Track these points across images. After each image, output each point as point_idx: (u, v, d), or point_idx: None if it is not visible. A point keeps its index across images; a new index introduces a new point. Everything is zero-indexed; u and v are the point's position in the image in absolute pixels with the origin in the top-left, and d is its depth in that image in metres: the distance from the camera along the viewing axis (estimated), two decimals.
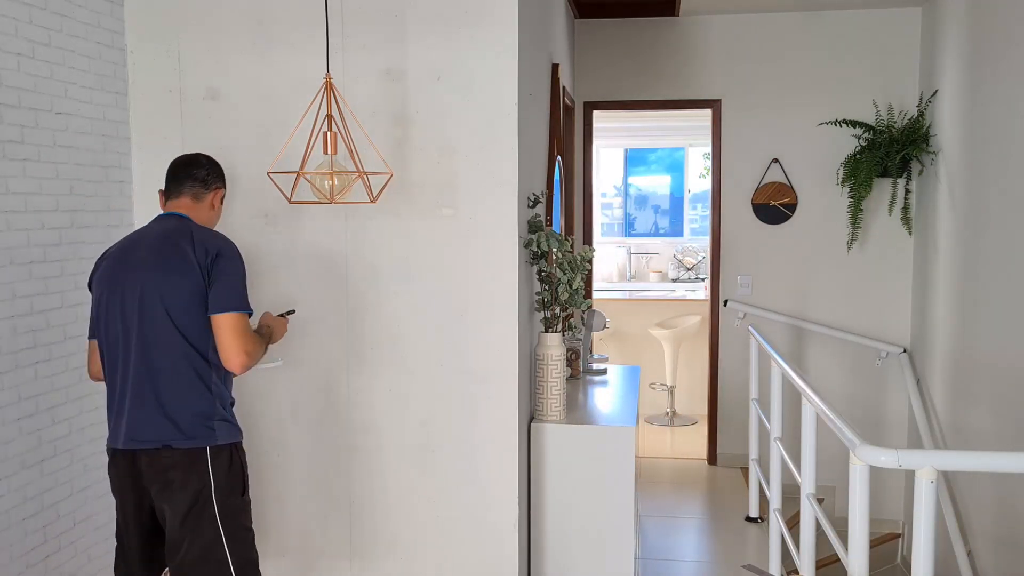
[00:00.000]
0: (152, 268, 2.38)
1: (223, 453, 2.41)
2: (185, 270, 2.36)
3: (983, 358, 4.13)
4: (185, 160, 2.58)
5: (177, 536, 2.38)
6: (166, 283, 2.36)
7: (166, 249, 2.40)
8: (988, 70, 4.13)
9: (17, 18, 2.63)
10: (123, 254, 2.46)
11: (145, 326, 2.37)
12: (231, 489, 2.42)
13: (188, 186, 2.53)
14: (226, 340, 2.35)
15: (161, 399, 2.37)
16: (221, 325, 2.35)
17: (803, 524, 2.95)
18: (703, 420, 5.92)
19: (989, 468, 2.72)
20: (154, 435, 2.36)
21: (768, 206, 5.40)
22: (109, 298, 2.42)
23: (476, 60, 3.01)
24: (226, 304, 2.36)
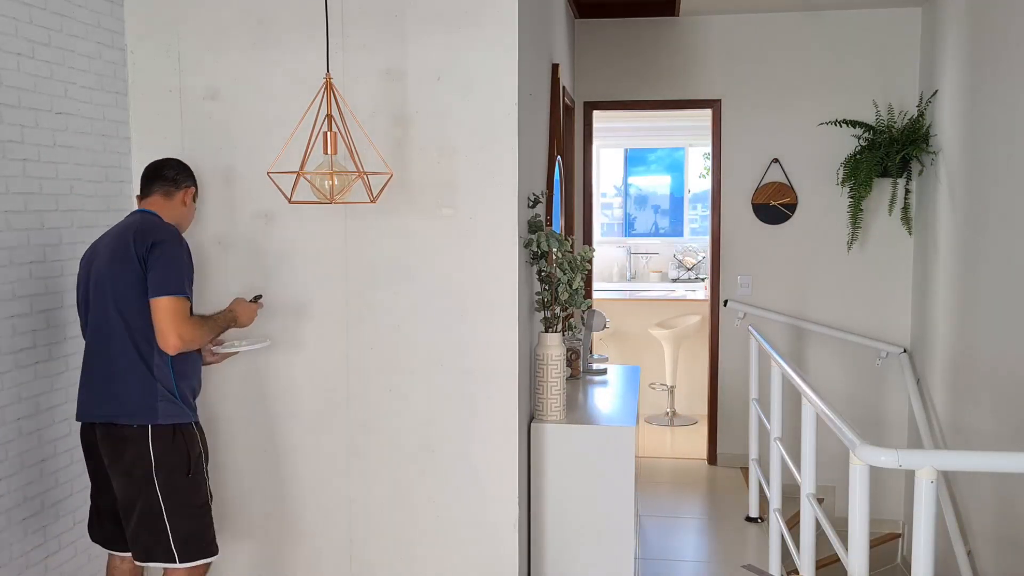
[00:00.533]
0: (103, 259, 2.60)
1: (164, 432, 2.58)
2: (125, 259, 2.54)
3: (983, 358, 4.13)
4: (156, 163, 2.79)
5: (125, 506, 2.59)
6: (110, 272, 2.57)
7: (115, 242, 2.60)
8: (988, 70, 4.13)
9: (17, 18, 2.63)
10: (93, 245, 2.70)
11: (94, 312, 2.61)
12: (173, 467, 2.59)
13: (158, 185, 2.73)
14: (160, 323, 2.51)
15: (107, 378, 2.58)
16: (155, 308, 2.52)
17: (803, 524, 2.95)
18: (703, 420, 5.92)
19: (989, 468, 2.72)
20: (101, 412, 2.59)
21: (768, 206, 5.40)
22: (79, 285, 2.68)
23: (476, 60, 3.01)
24: (159, 289, 2.52)
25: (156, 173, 2.75)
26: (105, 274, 2.58)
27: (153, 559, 2.61)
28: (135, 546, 2.60)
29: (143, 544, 2.59)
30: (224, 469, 3.26)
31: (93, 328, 2.62)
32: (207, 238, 3.20)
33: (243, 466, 3.25)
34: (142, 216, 2.68)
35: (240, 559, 3.28)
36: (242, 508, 3.26)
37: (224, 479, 3.26)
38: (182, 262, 2.59)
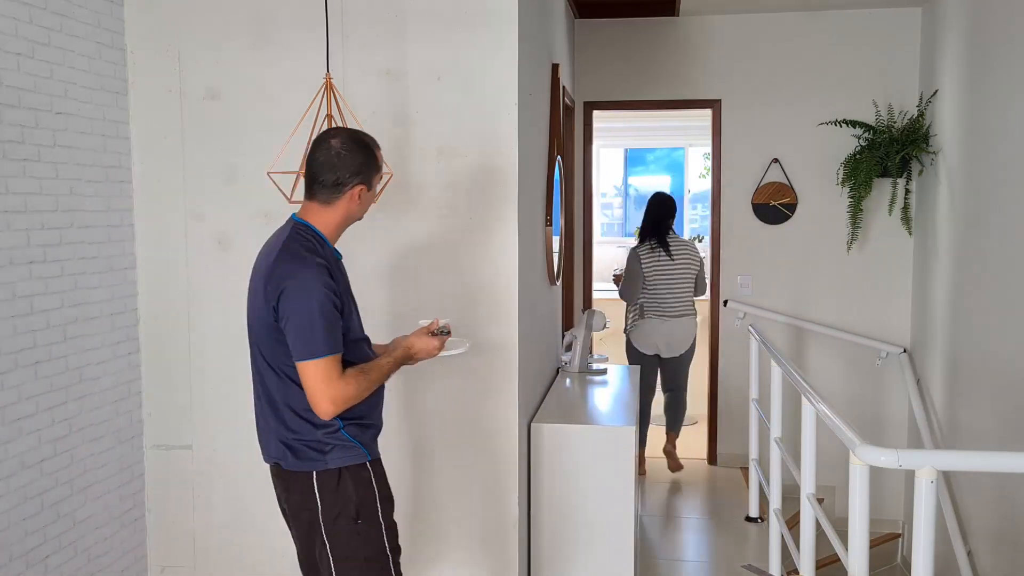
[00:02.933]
0: (252, 292, 2.26)
1: (331, 476, 2.22)
2: (261, 300, 2.18)
3: (983, 358, 4.13)
4: (313, 161, 2.25)
5: (307, 549, 2.34)
6: (255, 312, 2.24)
7: (257, 278, 2.24)
8: (988, 70, 4.13)
9: (17, 18, 2.62)
10: (260, 253, 2.32)
11: (258, 344, 2.26)
12: (338, 514, 2.23)
13: (318, 188, 2.25)
14: (308, 388, 2.13)
15: (272, 418, 2.27)
16: (301, 373, 2.13)
17: (803, 524, 2.95)
18: (703, 420, 5.91)
19: (989, 468, 2.72)
20: (273, 452, 2.30)
21: (768, 206, 5.40)
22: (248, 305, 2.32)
23: (476, 60, 3.01)
24: (299, 353, 2.12)
25: (313, 177, 2.24)
26: (250, 306, 2.26)
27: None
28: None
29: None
30: (224, 469, 3.26)
31: (256, 365, 2.28)
32: (207, 238, 3.20)
33: (243, 466, 3.25)
34: (289, 235, 2.23)
35: (242, 558, 3.28)
36: (243, 508, 3.26)
37: (224, 478, 3.26)
38: (314, 311, 2.10)
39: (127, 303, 3.17)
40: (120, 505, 3.15)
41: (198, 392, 3.25)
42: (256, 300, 2.21)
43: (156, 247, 3.22)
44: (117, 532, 3.13)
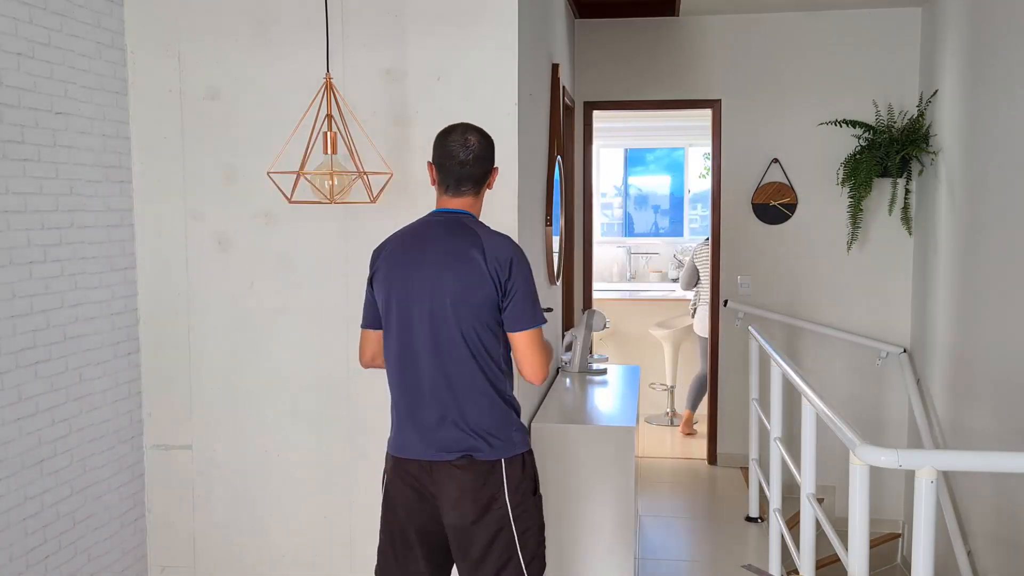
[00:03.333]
0: (443, 269, 2.25)
1: (516, 461, 2.32)
2: (481, 279, 2.22)
3: (983, 358, 4.13)
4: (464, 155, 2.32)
5: (471, 540, 2.30)
6: (459, 289, 2.24)
7: (464, 259, 2.24)
8: (988, 70, 4.13)
9: (17, 18, 2.62)
10: (407, 248, 2.32)
11: (440, 331, 2.25)
12: (523, 493, 2.32)
13: (470, 185, 2.35)
14: (530, 356, 2.25)
15: (460, 406, 2.27)
16: (520, 342, 2.25)
17: (803, 524, 2.95)
18: (703, 420, 5.92)
19: (989, 468, 2.72)
20: (455, 446, 2.27)
21: (768, 206, 5.40)
22: (400, 294, 2.29)
23: (476, 60, 3.01)
24: (528, 321, 2.25)
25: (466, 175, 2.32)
26: (453, 291, 2.24)
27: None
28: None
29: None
30: (224, 469, 3.26)
31: (439, 353, 2.26)
32: (207, 238, 3.20)
33: (243, 466, 3.25)
34: (467, 221, 2.32)
35: (242, 559, 3.28)
36: (243, 508, 3.26)
37: (224, 478, 3.27)
38: (532, 282, 2.29)
39: (127, 303, 3.18)
40: (120, 505, 3.15)
41: (198, 392, 3.25)
42: (459, 284, 2.23)
43: (156, 247, 3.22)
44: (117, 532, 3.13)
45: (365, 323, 2.44)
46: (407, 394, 2.32)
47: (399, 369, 2.32)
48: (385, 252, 2.37)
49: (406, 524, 2.34)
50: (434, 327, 2.26)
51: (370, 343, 2.43)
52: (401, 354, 2.31)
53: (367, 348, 2.44)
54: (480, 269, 2.23)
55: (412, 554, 2.35)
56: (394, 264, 2.32)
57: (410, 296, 2.28)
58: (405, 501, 2.33)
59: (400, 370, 2.32)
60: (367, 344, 2.44)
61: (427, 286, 2.26)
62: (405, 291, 2.29)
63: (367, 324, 2.43)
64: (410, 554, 2.35)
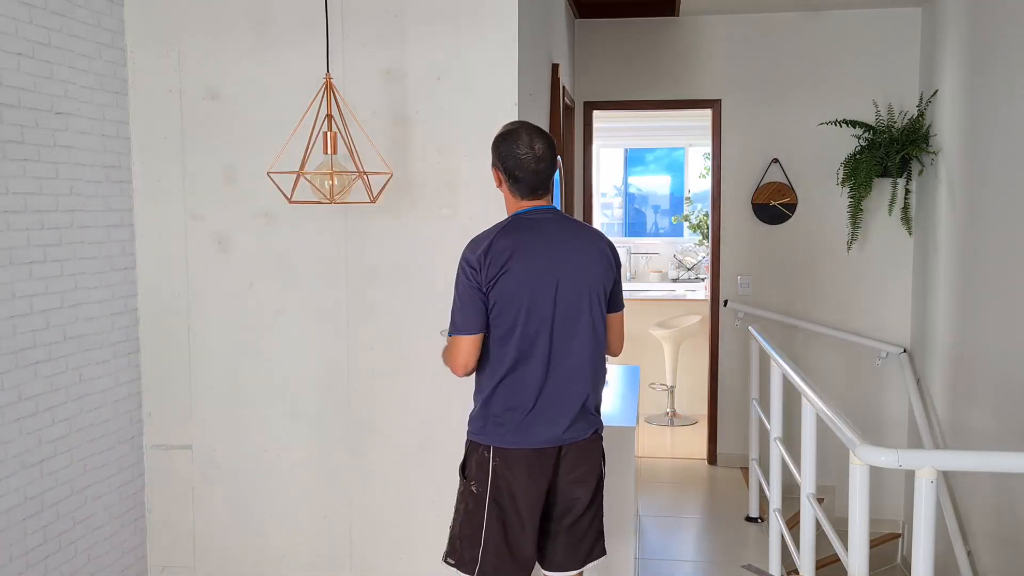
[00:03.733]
0: (586, 262, 2.39)
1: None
2: (602, 276, 2.41)
3: (983, 358, 4.13)
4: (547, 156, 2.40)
5: (582, 514, 2.50)
6: (589, 287, 2.38)
7: (590, 245, 2.42)
8: (988, 70, 4.13)
9: (17, 18, 2.63)
10: (538, 247, 2.35)
11: (592, 321, 2.39)
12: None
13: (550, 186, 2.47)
14: (620, 335, 2.55)
15: (595, 390, 2.46)
16: (619, 321, 2.52)
17: (803, 524, 2.95)
18: (703, 420, 5.91)
19: (989, 468, 2.72)
20: (586, 425, 2.44)
21: (768, 206, 5.40)
22: (547, 291, 2.33)
23: (476, 60, 3.01)
24: (622, 303, 2.54)
25: (549, 175, 2.43)
26: (576, 283, 2.37)
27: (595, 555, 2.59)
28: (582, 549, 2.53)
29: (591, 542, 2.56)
30: (224, 469, 3.26)
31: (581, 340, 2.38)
32: (207, 238, 3.20)
33: (243, 466, 3.25)
34: (574, 219, 2.56)
35: (242, 559, 3.28)
36: (243, 508, 3.26)
37: (224, 478, 3.27)
38: None
39: (127, 303, 3.18)
40: (120, 505, 3.15)
41: (198, 392, 3.25)
42: (591, 275, 2.39)
43: (156, 247, 3.22)
44: (117, 532, 3.13)
45: (470, 328, 2.34)
46: (549, 387, 2.36)
47: (543, 364, 2.35)
48: (513, 253, 2.31)
49: (526, 515, 2.39)
50: (586, 319, 2.38)
51: (476, 348, 2.37)
52: (548, 350, 2.35)
53: (473, 353, 2.37)
54: (607, 259, 2.43)
55: (526, 540, 2.42)
56: (534, 264, 2.32)
57: (560, 291, 2.34)
58: (528, 492, 2.38)
59: (545, 365, 2.35)
60: (473, 349, 2.37)
61: (578, 279, 2.36)
62: (555, 287, 2.34)
63: (473, 330, 2.34)
64: (525, 541, 2.42)
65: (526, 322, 2.33)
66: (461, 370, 2.41)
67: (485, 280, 2.31)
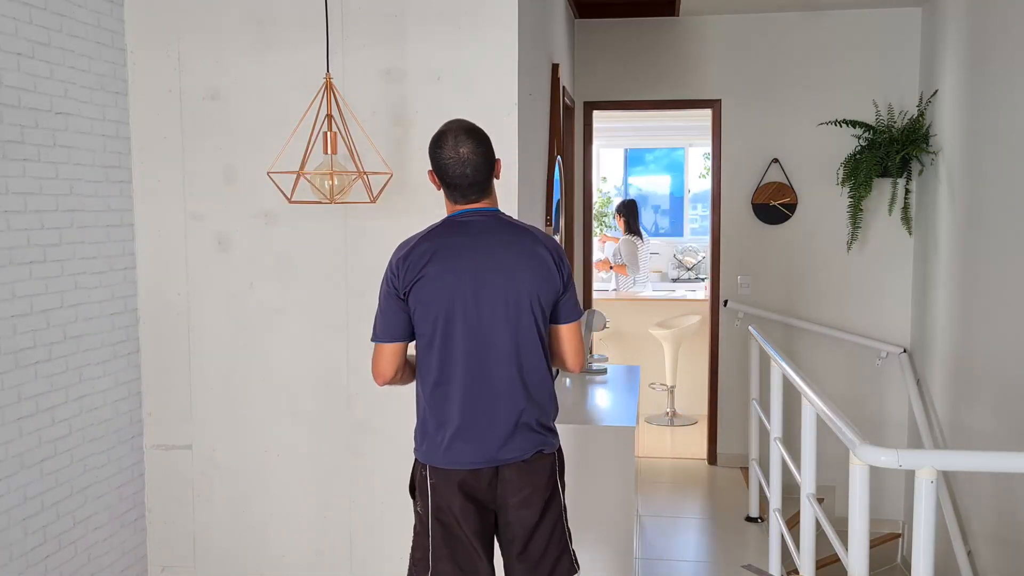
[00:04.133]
0: (518, 268, 2.21)
1: (559, 450, 2.36)
2: (546, 282, 2.23)
3: (983, 358, 4.13)
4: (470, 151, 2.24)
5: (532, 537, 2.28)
6: (536, 287, 2.22)
7: (528, 250, 2.23)
8: (988, 70, 4.13)
9: (17, 18, 2.63)
10: (462, 250, 2.21)
11: (518, 331, 2.21)
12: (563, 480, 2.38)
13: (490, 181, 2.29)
14: (575, 347, 2.31)
15: (534, 404, 2.26)
16: (569, 333, 2.30)
17: (803, 524, 2.95)
18: (703, 420, 5.91)
19: (989, 468, 2.72)
20: (527, 445, 2.25)
21: (768, 206, 5.40)
22: (467, 298, 2.18)
23: (476, 60, 3.01)
24: (576, 313, 2.31)
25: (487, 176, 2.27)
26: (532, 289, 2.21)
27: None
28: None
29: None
30: (224, 469, 3.26)
31: (515, 352, 2.21)
32: (207, 238, 3.20)
33: (243, 466, 3.25)
34: (514, 220, 2.32)
35: (242, 559, 3.28)
36: (243, 508, 3.27)
37: (224, 478, 3.27)
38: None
39: (127, 303, 3.18)
40: (120, 505, 3.15)
41: (198, 392, 3.25)
42: (525, 281, 2.20)
43: (156, 247, 3.22)
44: (117, 532, 3.13)
45: (388, 336, 2.24)
46: (472, 401, 2.20)
47: (465, 377, 2.19)
48: (432, 257, 2.19)
49: (473, 539, 2.23)
50: (511, 328, 2.19)
51: (395, 357, 2.26)
52: (468, 362, 2.19)
53: (391, 362, 2.26)
54: (547, 265, 2.23)
55: (482, 565, 2.25)
56: (453, 268, 2.18)
57: (481, 299, 2.18)
58: (466, 515, 2.22)
59: (466, 378, 2.19)
60: (392, 358, 2.26)
61: (503, 286, 2.19)
62: (475, 294, 2.17)
63: (392, 337, 2.24)
64: (480, 567, 2.25)
65: (445, 331, 2.18)
66: (379, 379, 2.29)
67: (402, 286, 2.20)
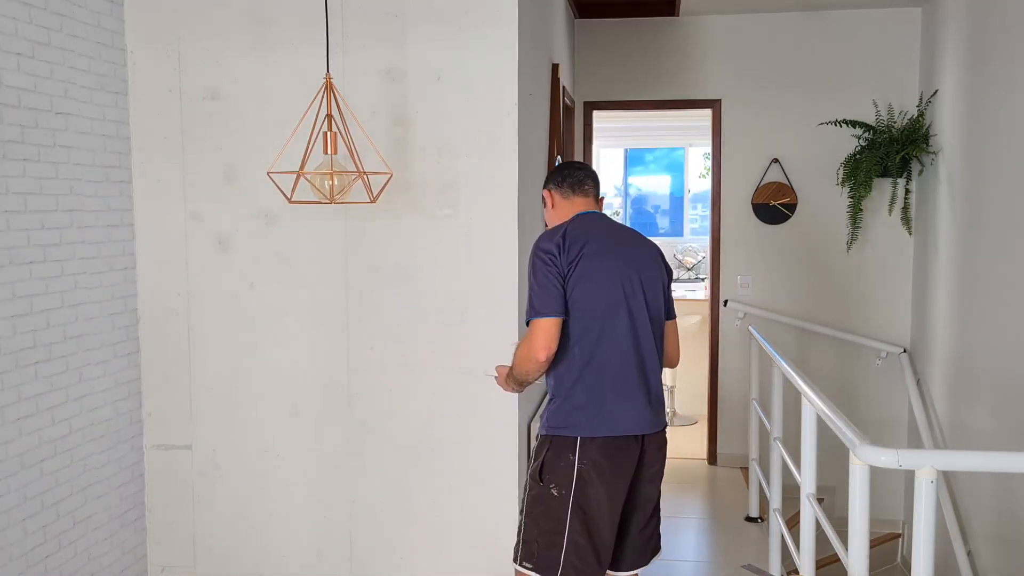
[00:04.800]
0: (649, 262, 2.55)
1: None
2: (660, 280, 2.57)
3: (983, 358, 4.13)
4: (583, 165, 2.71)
5: (652, 513, 2.57)
6: (654, 290, 2.52)
7: (649, 247, 2.59)
8: (988, 70, 4.13)
9: (17, 18, 2.63)
10: (607, 240, 2.49)
11: (655, 317, 2.51)
12: None
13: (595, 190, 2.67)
14: (676, 343, 2.66)
15: (658, 388, 2.54)
16: (675, 329, 2.65)
17: (803, 524, 2.95)
18: (703, 420, 5.91)
19: (989, 468, 2.72)
20: (659, 422, 2.52)
21: (768, 206, 5.40)
22: (623, 282, 2.45)
23: (476, 60, 3.01)
24: (674, 312, 2.65)
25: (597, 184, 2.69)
26: (648, 286, 2.52)
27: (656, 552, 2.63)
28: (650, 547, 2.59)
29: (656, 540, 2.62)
30: (225, 468, 3.26)
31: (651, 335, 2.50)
32: (207, 238, 3.20)
33: (243, 466, 3.25)
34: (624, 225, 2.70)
35: (242, 559, 3.28)
36: (243, 508, 3.27)
37: (224, 478, 3.27)
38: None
39: (127, 303, 3.18)
40: (120, 505, 3.15)
41: (198, 392, 3.25)
42: (653, 278, 2.52)
43: (156, 247, 3.22)
44: (117, 532, 3.13)
45: (551, 311, 2.38)
46: (626, 372, 2.43)
47: (622, 348, 2.42)
48: (587, 241, 2.43)
49: (608, 515, 2.41)
50: (651, 313, 2.49)
51: (555, 331, 2.40)
52: (626, 335, 2.43)
53: (553, 337, 2.39)
54: (662, 263, 2.58)
55: (608, 539, 2.44)
56: (606, 253, 2.44)
57: (634, 284, 2.45)
58: (613, 489, 2.41)
59: (623, 349, 2.43)
60: (552, 332, 2.39)
61: (645, 274, 2.49)
62: (629, 279, 2.45)
63: (555, 312, 2.38)
64: (606, 541, 2.43)
65: (606, 307, 2.41)
66: (544, 352, 2.38)
67: (564, 263, 2.39)
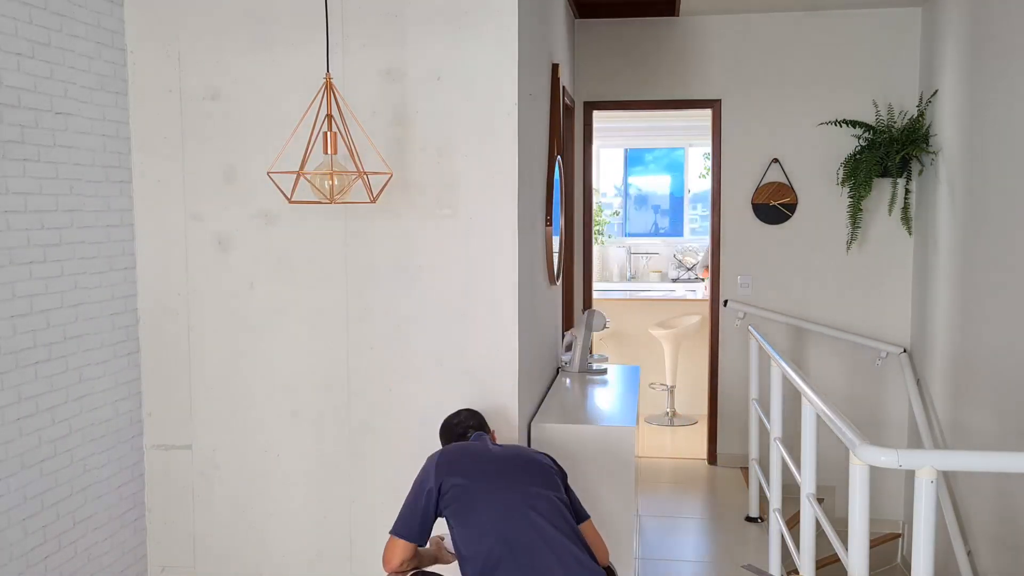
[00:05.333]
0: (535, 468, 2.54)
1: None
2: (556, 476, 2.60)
3: (983, 358, 4.13)
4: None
5: None
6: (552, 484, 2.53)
7: (531, 453, 2.64)
8: (988, 70, 4.13)
9: (17, 18, 2.62)
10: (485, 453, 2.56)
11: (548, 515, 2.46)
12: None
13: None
14: (602, 543, 2.65)
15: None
16: (591, 530, 2.64)
17: (803, 524, 2.95)
18: (703, 420, 5.91)
19: (989, 468, 2.72)
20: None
21: (768, 206, 5.40)
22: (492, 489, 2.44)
23: (476, 60, 3.01)
24: (586, 512, 2.65)
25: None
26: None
27: None
28: None
29: None
30: (224, 469, 3.26)
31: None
32: (207, 238, 3.20)
33: (243, 466, 3.25)
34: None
35: (242, 559, 3.28)
36: (243, 508, 3.26)
37: (224, 478, 3.27)
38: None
39: (127, 303, 3.18)
40: (120, 505, 3.15)
41: (198, 392, 3.25)
42: (543, 477, 2.54)
43: (156, 247, 3.22)
44: (117, 532, 3.13)
45: (409, 535, 2.42)
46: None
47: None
48: (463, 455, 2.54)
49: None
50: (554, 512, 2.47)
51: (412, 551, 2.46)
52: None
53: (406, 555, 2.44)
54: (550, 468, 2.57)
55: None
56: (484, 467, 2.50)
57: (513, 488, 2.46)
58: None
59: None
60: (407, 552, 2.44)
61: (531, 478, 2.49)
62: (511, 483, 2.46)
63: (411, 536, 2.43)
64: None
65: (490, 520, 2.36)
66: (397, 569, 2.45)
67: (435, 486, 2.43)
